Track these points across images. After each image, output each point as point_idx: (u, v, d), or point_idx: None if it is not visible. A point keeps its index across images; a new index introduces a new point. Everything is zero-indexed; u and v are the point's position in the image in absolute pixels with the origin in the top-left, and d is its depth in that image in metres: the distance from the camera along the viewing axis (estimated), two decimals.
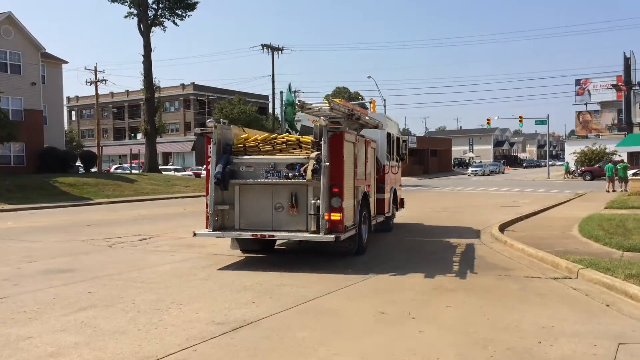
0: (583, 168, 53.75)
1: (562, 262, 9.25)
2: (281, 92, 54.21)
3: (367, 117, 12.19)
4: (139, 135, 69.32)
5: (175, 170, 54.14)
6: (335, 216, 9.40)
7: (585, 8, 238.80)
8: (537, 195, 30.23)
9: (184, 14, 47.24)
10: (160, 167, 49.98)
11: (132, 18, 45.92)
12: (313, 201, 9.38)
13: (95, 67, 48.91)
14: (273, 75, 52.39)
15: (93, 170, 45.69)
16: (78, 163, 44.72)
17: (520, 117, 60.11)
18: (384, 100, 66.86)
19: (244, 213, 9.93)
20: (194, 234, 9.96)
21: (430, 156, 71.86)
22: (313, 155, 9.34)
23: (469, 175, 66.04)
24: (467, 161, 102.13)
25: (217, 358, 5.11)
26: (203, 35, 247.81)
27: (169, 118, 77.75)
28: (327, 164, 9.23)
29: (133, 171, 46.78)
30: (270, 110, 60.02)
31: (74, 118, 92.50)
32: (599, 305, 6.91)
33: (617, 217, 15.43)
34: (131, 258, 10.78)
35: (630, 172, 33.32)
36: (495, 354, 5.15)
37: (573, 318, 6.34)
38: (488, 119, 60.91)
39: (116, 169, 55.83)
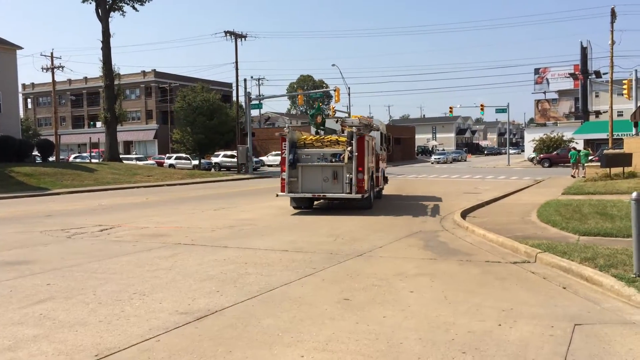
0: (541, 155, 54.97)
1: (521, 246, 9.49)
2: (245, 80, 53.68)
3: (374, 125, 19.70)
4: (99, 124, 67.71)
5: (137, 159, 53.11)
6: (361, 184, 15.92)
7: None
8: (498, 182, 30.90)
9: None
10: (121, 156, 48.96)
11: (90, 3, 44.68)
12: (348, 175, 15.90)
13: (52, 53, 47.51)
14: (237, 62, 51.61)
15: (51, 159, 44.33)
16: (35, 152, 43.28)
17: (482, 105, 61.24)
18: (349, 88, 66.99)
19: (304, 183, 16.29)
20: (277, 195, 16.70)
21: (394, 144, 72.39)
22: (348, 149, 15.90)
23: (432, 163, 67.00)
24: (431, 149, 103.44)
25: (180, 348, 5.06)
26: (164, 22, 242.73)
27: (130, 106, 76.03)
28: (356, 154, 15.84)
29: (93, 160, 45.60)
30: (234, 98, 59.25)
31: (30, 106, 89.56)
32: (556, 288, 7.11)
33: (573, 203, 15.88)
34: (92, 249, 10.56)
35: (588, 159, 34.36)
36: (457, 337, 5.25)
37: (531, 301, 6.52)
38: (450, 107, 61.63)
39: (75, 158, 54.38)
